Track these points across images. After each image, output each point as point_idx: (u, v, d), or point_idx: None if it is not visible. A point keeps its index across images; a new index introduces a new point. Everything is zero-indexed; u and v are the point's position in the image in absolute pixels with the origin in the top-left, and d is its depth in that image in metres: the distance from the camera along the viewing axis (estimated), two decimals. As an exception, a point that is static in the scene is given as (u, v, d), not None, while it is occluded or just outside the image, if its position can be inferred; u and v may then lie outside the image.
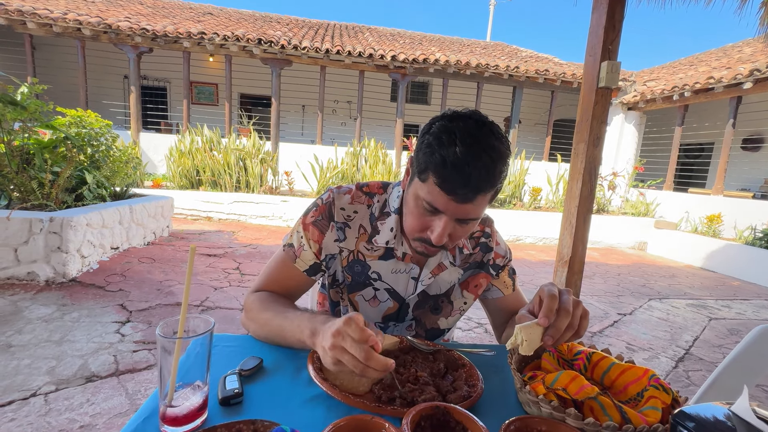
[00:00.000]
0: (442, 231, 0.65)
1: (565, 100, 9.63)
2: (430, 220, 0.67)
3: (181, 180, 5.93)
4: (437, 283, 0.83)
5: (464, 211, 0.64)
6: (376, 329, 0.58)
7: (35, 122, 2.94)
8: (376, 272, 0.81)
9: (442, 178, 0.61)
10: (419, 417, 0.49)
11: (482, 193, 0.63)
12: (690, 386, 2.11)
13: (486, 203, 0.66)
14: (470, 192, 0.61)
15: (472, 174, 0.60)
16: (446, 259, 0.81)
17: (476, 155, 0.60)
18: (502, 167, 0.63)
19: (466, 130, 0.62)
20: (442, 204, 0.64)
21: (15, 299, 2.37)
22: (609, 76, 1.92)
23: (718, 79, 6.06)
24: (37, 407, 1.47)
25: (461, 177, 0.60)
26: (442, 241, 0.67)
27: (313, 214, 0.81)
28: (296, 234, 0.81)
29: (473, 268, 0.86)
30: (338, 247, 0.80)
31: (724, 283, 4.65)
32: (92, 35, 6.42)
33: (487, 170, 0.61)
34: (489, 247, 0.86)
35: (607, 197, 7.06)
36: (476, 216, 0.67)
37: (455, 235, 0.69)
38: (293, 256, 0.80)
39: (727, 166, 6.37)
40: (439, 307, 0.85)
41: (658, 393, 0.54)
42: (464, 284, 0.86)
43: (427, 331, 0.87)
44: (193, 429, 0.49)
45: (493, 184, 0.63)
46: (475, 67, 7.42)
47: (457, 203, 0.63)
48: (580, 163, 2.04)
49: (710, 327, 3.05)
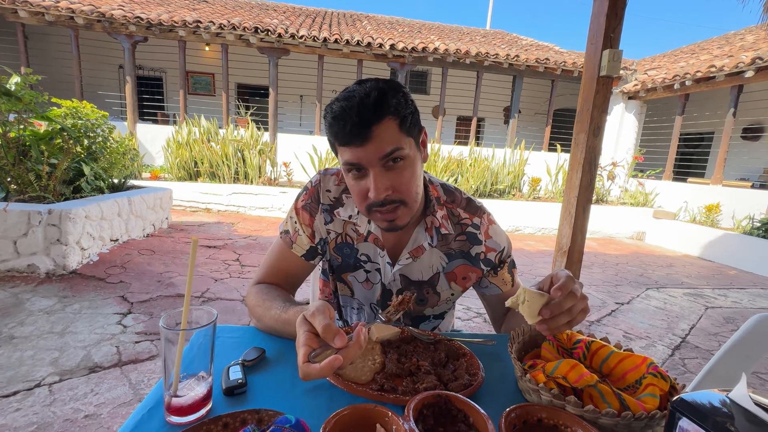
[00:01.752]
0: (375, 183, 0.65)
1: (566, 90, 9.55)
2: (364, 183, 0.67)
3: (179, 171, 5.90)
4: (418, 267, 0.81)
5: (374, 149, 0.64)
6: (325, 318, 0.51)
7: (30, 113, 2.91)
8: (364, 254, 0.81)
9: (336, 135, 0.65)
10: (421, 405, 0.50)
11: (374, 125, 0.63)
12: (686, 373, 2.14)
13: (395, 133, 0.64)
14: (359, 128, 0.62)
15: (351, 113, 0.62)
16: (424, 239, 0.78)
17: (350, 99, 0.63)
18: (385, 95, 0.63)
19: (344, 90, 0.67)
20: (353, 157, 0.65)
21: (16, 291, 2.38)
22: (610, 64, 1.90)
23: (719, 67, 6.00)
24: (42, 397, 1.49)
25: (343, 121, 0.63)
26: (381, 193, 0.66)
27: (303, 197, 0.82)
28: (290, 220, 0.82)
29: (459, 258, 0.82)
30: (327, 230, 0.81)
31: (721, 272, 4.68)
32: (86, 24, 6.31)
33: (363, 104, 0.62)
34: (478, 239, 0.81)
35: (606, 187, 7.06)
36: (392, 147, 0.64)
37: (396, 183, 0.67)
38: (290, 243, 0.81)
39: (726, 155, 6.35)
40: (424, 299, 0.84)
41: (656, 380, 0.55)
42: (450, 275, 0.83)
43: (413, 318, 0.88)
44: (198, 419, 0.49)
45: (378, 113, 0.63)
46: (474, 56, 7.33)
47: (360, 146, 0.64)
48: (580, 153, 2.03)
49: (706, 316, 3.08)
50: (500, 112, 10.57)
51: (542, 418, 0.51)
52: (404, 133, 0.66)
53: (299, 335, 0.51)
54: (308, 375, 0.47)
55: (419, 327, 0.89)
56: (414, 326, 0.88)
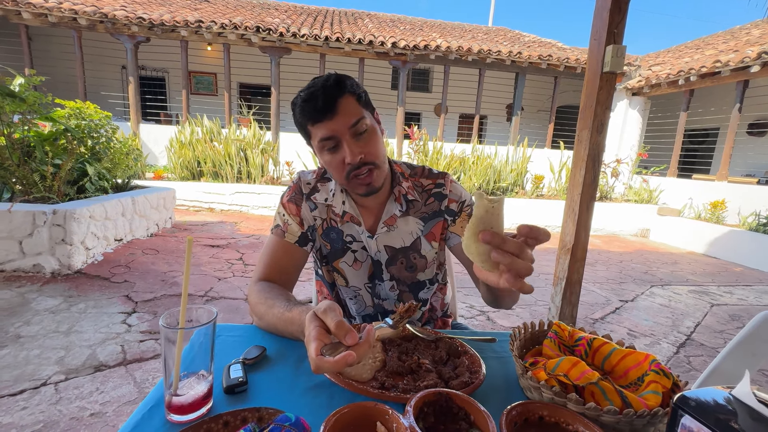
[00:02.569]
0: (350, 148, 0.75)
1: (569, 86, 9.49)
2: (339, 155, 0.77)
3: (182, 171, 5.92)
4: (398, 236, 0.89)
5: (342, 121, 0.74)
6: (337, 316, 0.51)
7: (34, 114, 2.93)
8: (350, 235, 0.88)
9: (305, 116, 0.76)
10: (422, 403, 0.50)
11: (338, 98, 0.74)
12: (691, 371, 2.12)
13: (356, 105, 0.76)
14: (325, 103, 0.73)
15: (317, 92, 0.74)
16: (395, 209, 0.87)
17: (313, 86, 0.75)
18: (342, 79, 0.76)
19: (306, 85, 0.77)
20: (327, 130, 0.75)
21: (22, 291, 2.40)
22: (614, 60, 1.89)
23: (725, 62, 5.94)
24: (48, 396, 1.50)
25: (311, 102, 0.74)
26: (357, 156, 0.75)
27: (288, 193, 0.90)
28: (279, 215, 0.89)
29: (433, 218, 0.90)
30: (313, 217, 0.89)
31: (727, 269, 4.64)
32: (88, 25, 6.34)
33: (324, 88, 0.74)
34: (443, 194, 0.90)
35: (610, 184, 7.02)
36: (358, 117, 0.75)
37: (366, 148, 0.77)
38: (281, 233, 0.87)
39: (732, 151, 6.29)
40: (413, 265, 0.90)
41: (658, 378, 0.55)
42: (429, 236, 0.91)
43: (410, 286, 0.92)
44: (199, 417, 0.50)
45: (339, 90, 0.74)
46: (476, 53, 7.30)
47: (329, 120, 0.74)
48: (584, 150, 2.01)
49: (712, 313, 3.06)
50: (503, 109, 10.52)
51: (543, 416, 0.51)
52: (362, 107, 0.77)
53: (310, 330, 0.51)
54: (320, 368, 0.48)
55: (418, 294, 0.93)
56: (413, 293, 0.93)
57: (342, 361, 0.47)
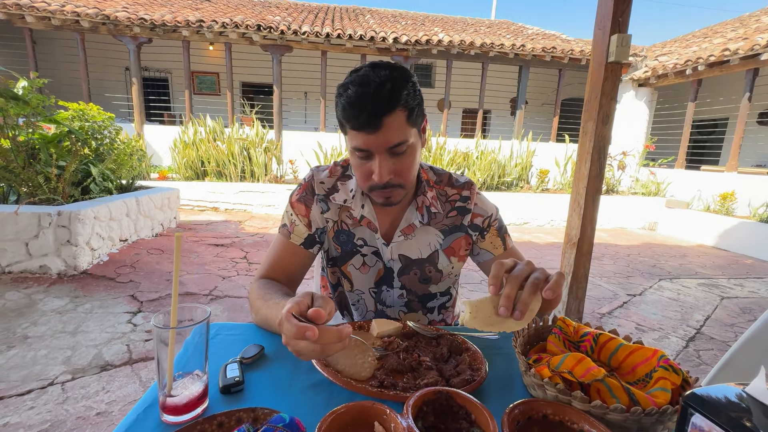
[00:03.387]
0: (379, 168, 0.70)
1: (574, 79, 9.37)
2: (369, 165, 0.72)
3: (186, 171, 5.95)
4: (415, 246, 0.85)
5: (383, 138, 0.67)
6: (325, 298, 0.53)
7: (38, 117, 2.95)
8: (361, 238, 0.85)
9: (348, 120, 0.68)
10: (421, 402, 0.48)
11: (385, 116, 0.66)
12: (701, 365, 2.09)
13: (403, 124, 0.68)
14: (372, 117, 0.65)
15: (366, 102, 0.65)
16: (415, 218, 0.83)
17: (365, 86, 0.65)
18: (397, 86, 0.66)
19: (357, 74, 0.68)
20: (362, 142, 0.68)
21: (29, 292, 2.42)
22: (619, 50, 1.85)
23: (734, 50, 5.81)
24: (55, 395, 1.51)
25: (357, 108, 0.66)
26: (384, 177, 0.70)
27: (298, 192, 0.86)
28: (287, 214, 0.86)
29: (454, 232, 0.86)
30: (325, 219, 0.85)
31: (737, 261, 4.57)
32: (91, 27, 6.37)
33: (378, 94, 0.65)
34: (467, 209, 0.86)
35: (617, 177, 6.93)
36: (401, 140, 0.69)
37: (398, 169, 0.72)
38: (288, 234, 0.84)
39: (741, 141, 6.17)
40: (428, 278, 0.87)
41: (667, 374, 0.53)
42: (449, 250, 0.87)
43: (420, 297, 0.90)
44: (194, 418, 0.49)
45: (391, 104, 0.65)
46: (479, 47, 7.22)
47: (370, 134, 0.67)
48: (589, 143, 1.98)
49: (722, 306, 3.01)
50: (507, 103, 10.41)
51: (547, 414, 0.49)
52: (410, 124, 0.70)
53: (293, 329, 0.49)
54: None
55: (427, 305, 0.91)
56: (422, 305, 0.90)
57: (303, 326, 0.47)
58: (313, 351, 0.49)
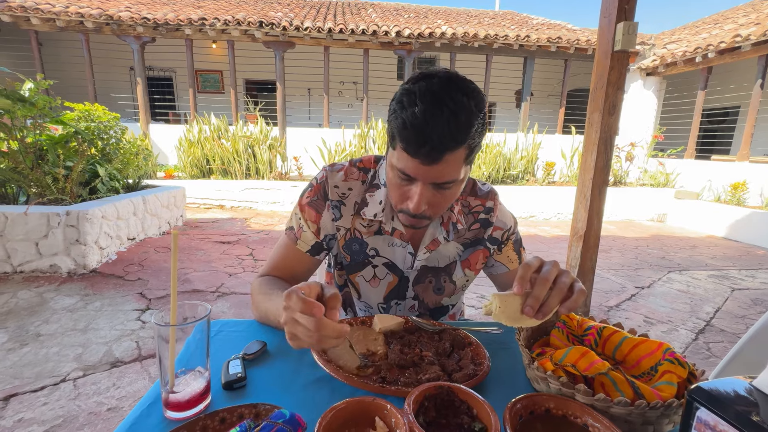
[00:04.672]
0: (419, 199, 0.63)
1: (580, 69, 9.21)
2: (407, 189, 0.65)
3: (192, 170, 5.99)
4: (435, 256, 0.82)
5: (435, 173, 0.61)
6: (334, 290, 0.52)
7: (45, 118, 2.98)
8: (373, 248, 0.80)
9: (406, 141, 0.59)
10: (423, 397, 0.48)
11: (448, 152, 0.58)
12: (710, 357, 2.06)
13: (461, 163, 0.61)
14: (434, 151, 0.58)
15: (433, 131, 0.56)
16: (440, 234, 0.79)
17: (435, 112, 0.56)
18: (469, 121, 0.58)
19: (428, 88, 0.58)
20: (411, 169, 0.61)
21: (40, 291, 2.47)
22: (625, 38, 1.81)
23: (745, 36, 5.67)
24: (67, 392, 1.54)
25: (422, 136, 0.57)
26: (420, 209, 0.64)
27: (309, 194, 0.80)
28: (295, 216, 0.81)
29: (474, 245, 0.83)
30: (335, 227, 0.80)
31: (748, 252, 4.49)
32: (95, 28, 6.41)
33: (448, 125, 0.56)
34: (489, 222, 0.83)
35: (624, 169, 6.83)
36: (452, 179, 0.62)
37: (436, 203, 0.66)
38: (294, 239, 0.81)
39: (753, 130, 6.03)
40: (442, 288, 0.84)
41: (673, 367, 0.52)
42: (465, 263, 0.84)
43: (431, 310, 0.87)
44: (197, 414, 0.49)
45: (458, 140, 0.58)
46: (483, 39, 7.13)
47: (426, 165, 0.59)
48: (595, 133, 1.95)
49: (732, 298, 2.96)
50: (512, 95, 10.29)
51: (550, 408, 0.49)
52: (467, 163, 0.64)
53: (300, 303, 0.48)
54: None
55: (439, 319, 0.88)
56: (434, 319, 0.87)
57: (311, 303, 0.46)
58: (309, 338, 0.48)
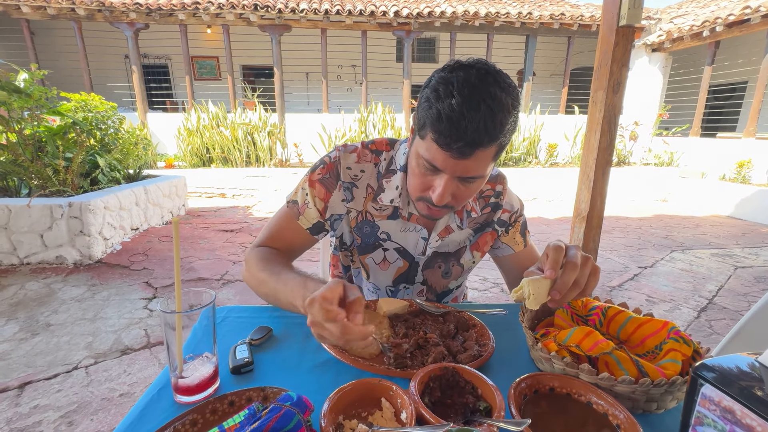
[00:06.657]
0: (443, 191, 0.62)
1: (584, 46, 9.00)
2: (431, 180, 0.64)
3: (192, 159, 5.96)
4: (446, 243, 0.82)
5: (464, 168, 0.60)
6: (356, 293, 0.53)
7: (42, 109, 2.95)
8: (385, 232, 0.80)
9: (438, 133, 0.57)
10: (428, 378, 0.49)
11: (481, 148, 0.57)
12: (713, 335, 2.08)
13: (489, 160, 0.61)
14: (467, 146, 0.57)
15: (468, 127, 0.55)
16: (453, 222, 0.80)
17: (472, 106, 0.55)
18: (505, 119, 0.57)
19: (465, 80, 0.56)
20: (440, 161, 0.60)
21: (48, 282, 2.50)
22: (631, 12, 1.75)
23: (755, 8, 5.49)
24: (80, 379, 1.58)
25: (457, 130, 0.56)
26: (444, 201, 0.64)
27: (320, 171, 0.78)
28: (301, 191, 0.79)
29: (484, 229, 0.84)
30: (346, 208, 0.79)
31: (753, 230, 4.47)
32: (87, 15, 6.27)
33: (484, 122, 0.55)
34: (499, 205, 0.83)
35: (628, 148, 6.75)
36: (478, 174, 0.62)
37: (459, 196, 0.65)
38: (297, 213, 0.79)
39: (761, 106, 5.92)
40: (449, 271, 0.85)
41: (678, 345, 0.52)
42: (474, 245, 0.85)
43: (438, 294, 0.88)
44: (206, 397, 0.50)
45: (493, 138, 0.57)
46: (484, 17, 6.95)
47: (455, 159, 0.59)
48: (599, 112, 1.91)
49: (735, 276, 2.97)
50: (513, 75, 10.08)
51: (554, 387, 0.50)
52: (493, 159, 0.63)
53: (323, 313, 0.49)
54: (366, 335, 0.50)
55: (442, 301, 0.89)
56: (439, 301, 0.88)
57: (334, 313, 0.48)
58: (338, 341, 0.50)
